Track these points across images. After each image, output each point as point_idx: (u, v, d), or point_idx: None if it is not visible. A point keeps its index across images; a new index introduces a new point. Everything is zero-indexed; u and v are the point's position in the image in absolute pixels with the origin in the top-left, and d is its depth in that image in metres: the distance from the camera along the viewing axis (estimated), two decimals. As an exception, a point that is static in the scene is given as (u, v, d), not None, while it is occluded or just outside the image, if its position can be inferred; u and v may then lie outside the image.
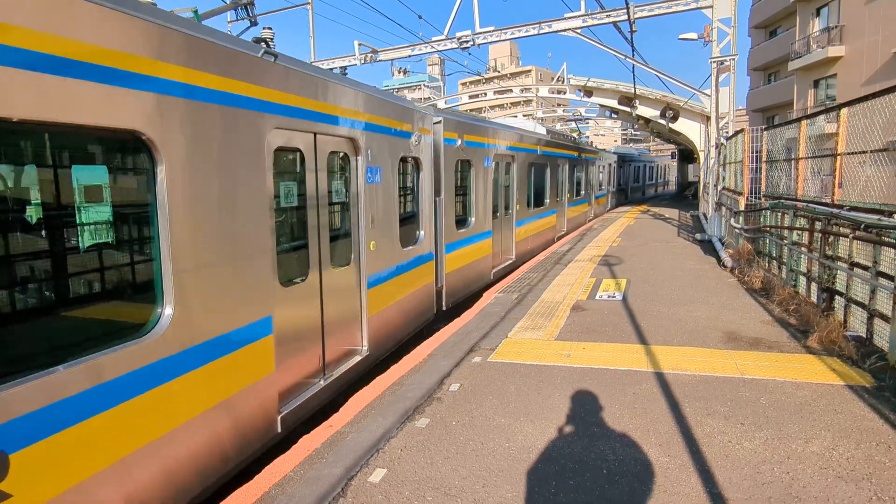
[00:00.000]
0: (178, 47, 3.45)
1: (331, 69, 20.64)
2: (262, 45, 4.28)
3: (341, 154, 5.57)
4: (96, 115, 2.95)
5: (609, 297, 8.77)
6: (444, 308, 8.47)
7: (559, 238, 16.96)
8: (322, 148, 5.14)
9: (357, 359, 5.77)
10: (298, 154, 4.87)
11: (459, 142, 8.62)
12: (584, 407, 4.75)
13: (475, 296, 9.70)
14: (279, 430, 4.46)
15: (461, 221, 9.19)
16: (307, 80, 4.80)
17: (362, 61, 20.28)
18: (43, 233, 3.12)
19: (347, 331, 5.68)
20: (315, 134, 4.99)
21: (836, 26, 26.54)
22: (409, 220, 7.28)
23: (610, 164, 27.05)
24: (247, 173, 4.05)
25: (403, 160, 6.94)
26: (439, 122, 8.13)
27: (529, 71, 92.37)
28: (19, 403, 2.57)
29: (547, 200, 15.07)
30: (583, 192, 20.70)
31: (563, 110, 38.86)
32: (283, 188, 4.69)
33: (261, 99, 4.18)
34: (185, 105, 3.50)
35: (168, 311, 3.42)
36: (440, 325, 8.01)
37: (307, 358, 4.97)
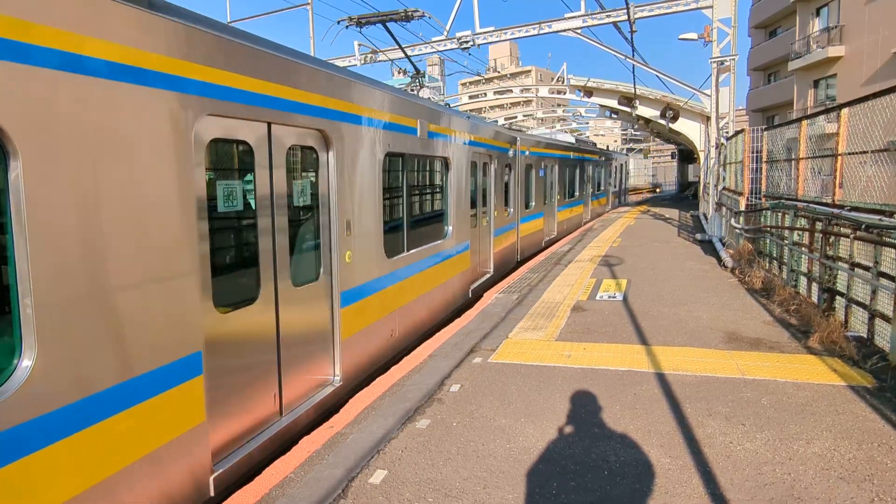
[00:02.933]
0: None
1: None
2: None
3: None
4: None
5: (609, 297, 8.76)
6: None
7: None
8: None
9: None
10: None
11: None
12: (585, 408, 4.74)
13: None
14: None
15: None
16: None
17: (362, 62, 20.29)
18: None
19: None
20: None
21: (835, 26, 26.53)
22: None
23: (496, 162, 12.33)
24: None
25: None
26: None
27: (529, 71, 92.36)
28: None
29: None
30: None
31: (563, 110, 38.88)
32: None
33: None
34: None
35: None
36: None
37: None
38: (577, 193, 20.30)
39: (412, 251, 6.87)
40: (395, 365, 6.22)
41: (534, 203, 14.28)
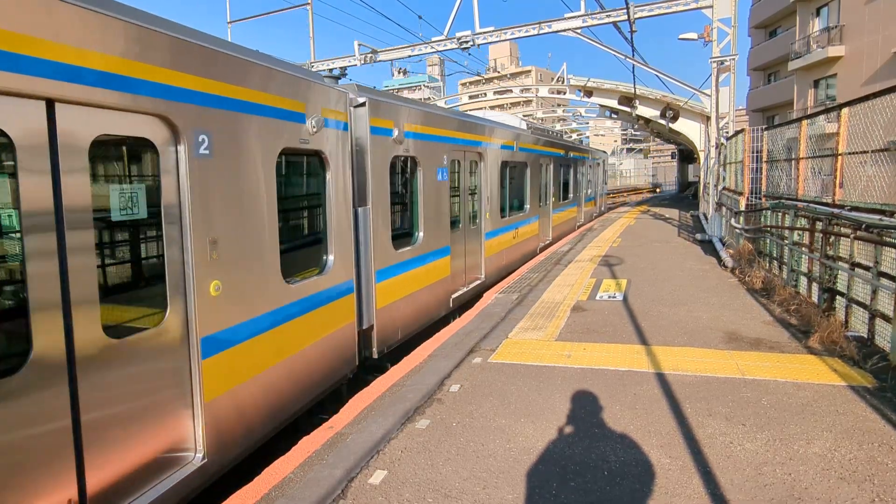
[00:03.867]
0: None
1: (330, 70, 20.65)
2: None
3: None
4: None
5: (609, 297, 8.75)
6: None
7: None
8: None
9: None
10: None
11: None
12: (585, 408, 4.74)
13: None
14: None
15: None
16: None
17: (362, 62, 20.28)
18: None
19: None
20: None
21: (836, 26, 26.54)
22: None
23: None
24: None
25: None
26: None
27: (529, 71, 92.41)
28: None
29: None
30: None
31: (563, 110, 38.92)
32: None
33: None
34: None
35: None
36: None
37: None
38: (527, 207, 13.24)
39: None
40: (395, 365, 6.22)
41: (422, 233, 7.68)
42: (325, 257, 5.59)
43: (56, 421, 3.00)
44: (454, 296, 8.91)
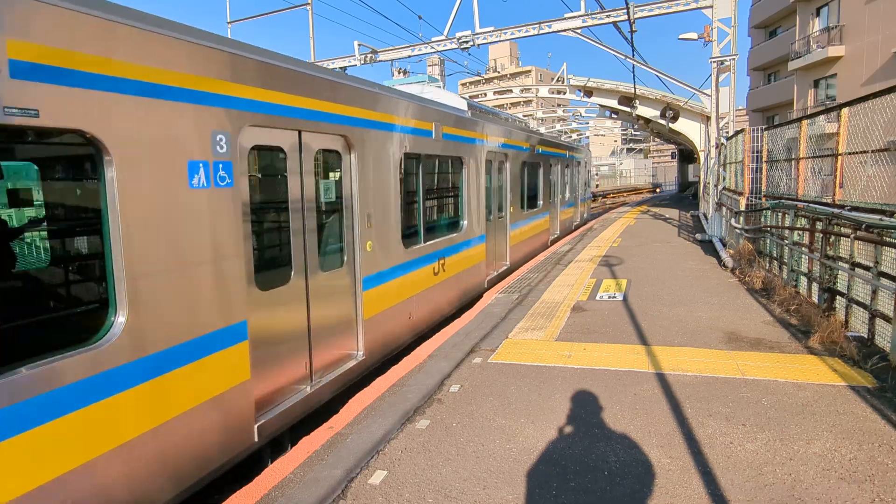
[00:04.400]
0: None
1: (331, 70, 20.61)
2: None
3: None
4: None
5: (609, 297, 8.75)
6: None
7: None
8: None
9: None
10: None
11: None
12: (585, 408, 4.73)
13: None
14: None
15: None
16: None
17: (362, 62, 20.27)
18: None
19: None
20: None
21: (836, 26, 26.53)
22: None
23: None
24: None
25: None
26: None
27: (529, 71, 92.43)
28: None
29: None
30: None
31: (563, 110, 38.93)
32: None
33: None
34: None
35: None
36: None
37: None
38: (463, 224, 9.14)
39: None
40: (396, 365, 6.21)
41: (122, 318, 3.13)
42: None
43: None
44: (268, 417, 4.42)
